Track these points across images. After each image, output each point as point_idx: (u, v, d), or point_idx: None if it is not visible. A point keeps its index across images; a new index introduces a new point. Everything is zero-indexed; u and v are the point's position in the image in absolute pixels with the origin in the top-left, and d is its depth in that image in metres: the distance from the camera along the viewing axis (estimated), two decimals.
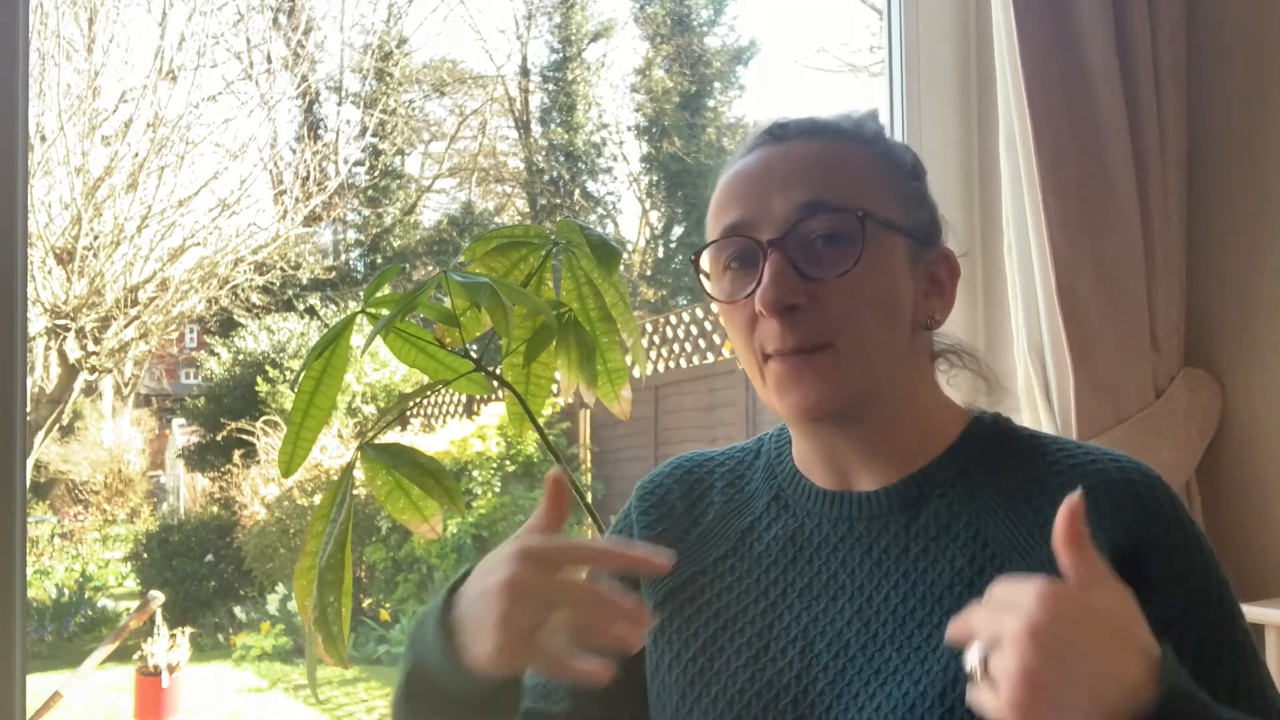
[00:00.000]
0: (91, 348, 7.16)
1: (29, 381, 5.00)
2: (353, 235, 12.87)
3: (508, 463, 6.93)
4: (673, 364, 7.14)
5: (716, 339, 6.76)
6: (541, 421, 1.15)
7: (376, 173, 12.43)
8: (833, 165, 0.87)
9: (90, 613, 7.11)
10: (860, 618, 0.85)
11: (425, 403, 7.80)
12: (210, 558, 7.62)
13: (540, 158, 14.27)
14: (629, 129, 14.47)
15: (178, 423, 10.16)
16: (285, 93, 9.58)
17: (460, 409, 7.95)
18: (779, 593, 0.89)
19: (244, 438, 7.75)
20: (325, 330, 1.05)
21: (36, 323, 6.83)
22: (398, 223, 13.12)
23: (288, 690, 6.19)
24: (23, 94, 1.21)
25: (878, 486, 0.88)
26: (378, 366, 7.77)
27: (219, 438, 8.09)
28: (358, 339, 1.06)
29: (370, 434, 1.05)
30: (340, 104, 12.70)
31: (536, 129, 14.43)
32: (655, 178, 14.35)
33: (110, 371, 8.30)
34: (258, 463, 7.74)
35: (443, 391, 1.39)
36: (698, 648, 0.90)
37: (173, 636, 5.67)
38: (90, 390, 8.78)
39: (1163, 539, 0.79)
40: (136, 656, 5.75)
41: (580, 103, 14.12)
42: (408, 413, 6.84)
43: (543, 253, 1.14)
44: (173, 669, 5.56)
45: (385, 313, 1.05)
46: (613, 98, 14.66)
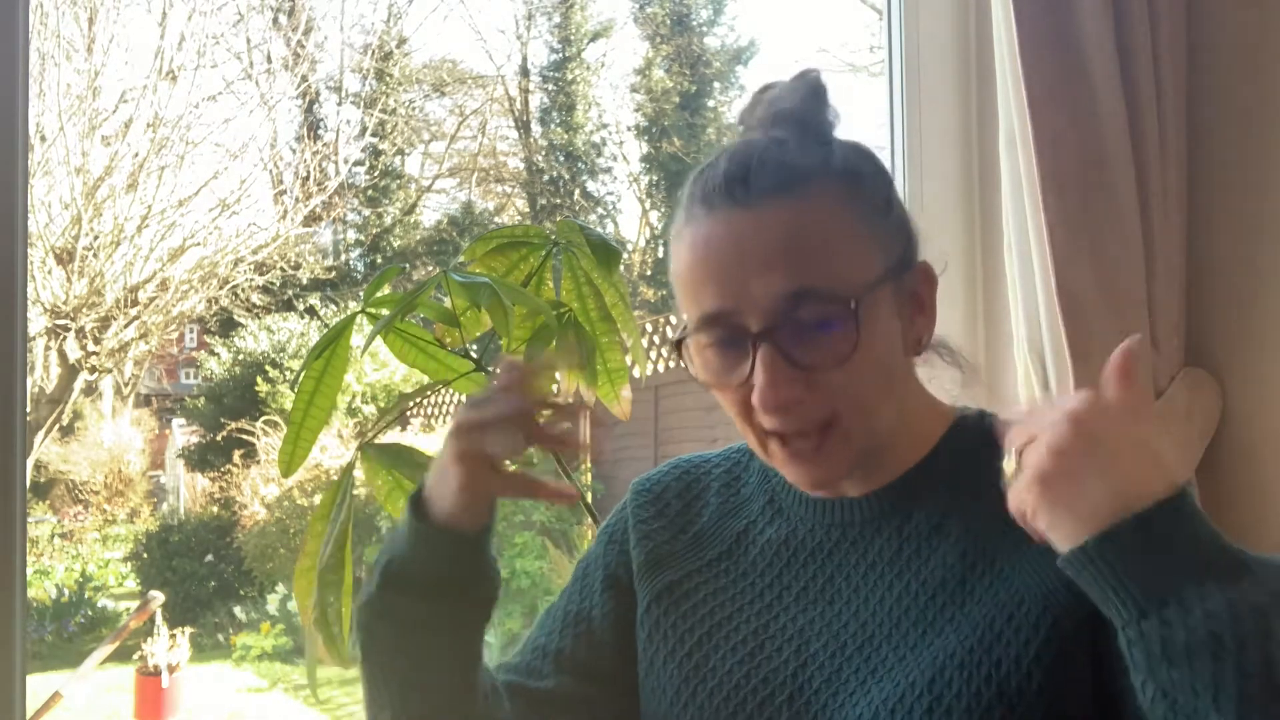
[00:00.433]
0: (91, 348, 7.16)
1: (29, 381, 5.00)
2: (353, 235, 12.87)
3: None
4: (673, 364, 7.13)
5: None
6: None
7: (376, 173, 12.42)
8: (812, 239, 0.80)
9: (90, 613, 7.10)
10: (856, 619, 0.85)
11: (425, 403, 7.79)
12: (210, 558, 7.62)
13: (540, 158, 14.26)
14: (629, 129, 14.46)
15: (178, 423, 10.16)
16: (285, 93, 9.58)
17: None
18: (774, 595, 0.89)
19: (244, 438, 7.74)
20: (325, 330, 1.05)
21: (36, 323, 6.83)
22: (398, 223, 13.11)
23: (288, 690, 6.19)
24: (23, 94, 1.21)
25: (866, 492, 0.88)
26: (378, 366, 7.77)
27: (219, 438, 8.08)
28: (358, 339, 1.06)
29: (370, 434, 1.05)
30: (340, 104, 12.70)
31: (536, 129, 14.43)
32: (655, 178, 14.33)
33: (110, 371, 8.30)
34: (258, 463, 7.73)
35: (443, 391, 1.39)
36: (693, 643, 0.90)
37: (173, 636, 5.67)
38: (90, 390, 8.77)
39: None
40: (136, 656, 5.74)
41: (580, 103, 14.11)
42: (408, 413, 6.83)
43: (543, 253, 1.14)
44: (173, 669, 5.56)
45: (385, 313, 1.05)
46: (613, 98, 14.66)
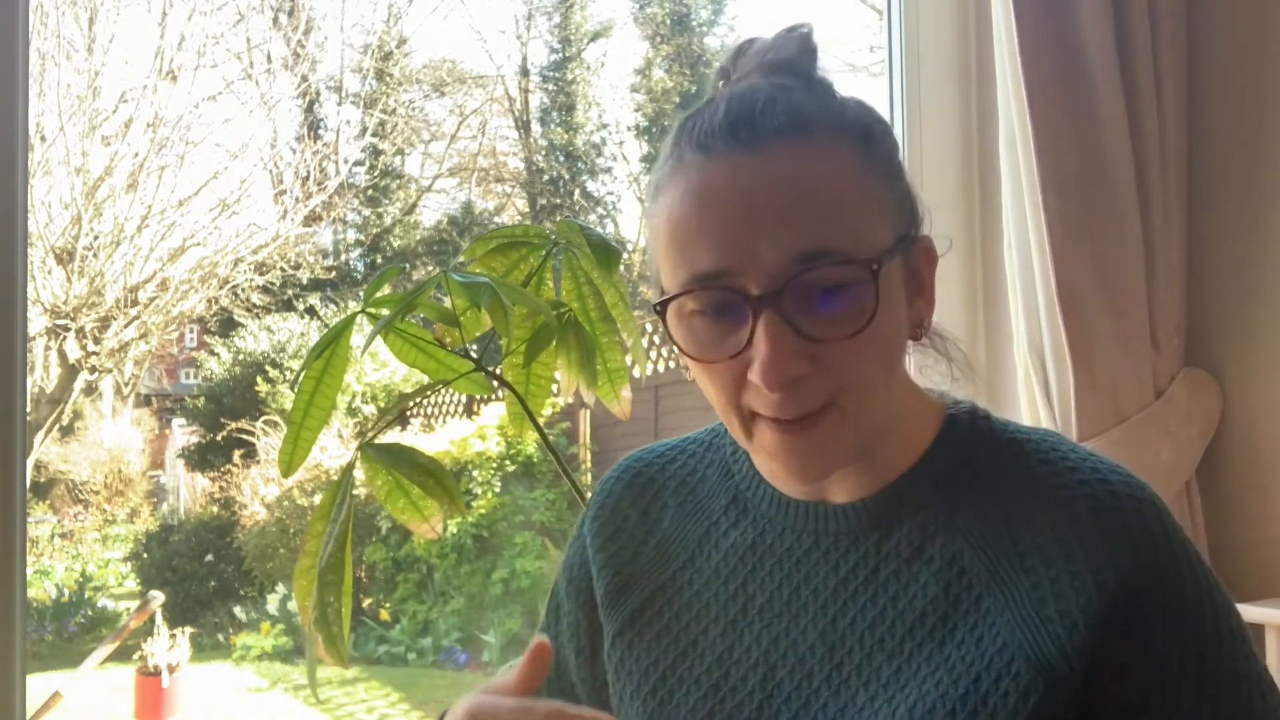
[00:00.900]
0: (91, 348, 7.16)
1: (29, 381, 5.00)
2: (353, 235, 12.86)
3: (508, 463, 6.92)
4: (673, 364, 7.13)
5: None
6: (541, 421, 1.15)
7: (376, 173, 12.41)
8: (828, 193, 0.71)
9: (90, 613, 7.10)
10: (824, 642, 0.78)
11: (425, 403, 7.80)
12: (210, 558, 7.62)
13: (540, 158, 14.26)
14: (629, 129, 14.45)
15: (178, 423, 10.15)
16: (285, 93, 9.58)
17: (460, 409, 7.94)
18: (739, 608, 0.82)
19: (244, 438, 7.74)
20: (325, 330, 1.05)
21: (36, 323, 6.83)
22: (398, 223, 13.11)
23: (288, 690, 6.19)
24: (23, 94, 1.21)
25: (852, 498, 0.80)
26: (378, 366, 7.76)
27: (219, 438, 8.07)
28: (358, 339, 1.06)
29: (370, 434, 1.05)
30: (340, 104, 12.69)
31: (536, 129, 14.42)
32: None
33: (110, 371, 8.29)
34: (258, 463, 7.73)
35: (443, 391, 1.39)
36: (657, 678, 0.84)
37: (173, 636, 5.68)
38: (90, 390, 8.77)
39: (1158, 582, 0.71)
40: (136, 656, 5.75)
41: (580, 103, 14.10)
42: (408, 413, 6.84)
43: (543, 253, 1.14)
44: (173, 669, 5.56)
45: (385, 313, 1.05)
46: (612, 98, 14.64)
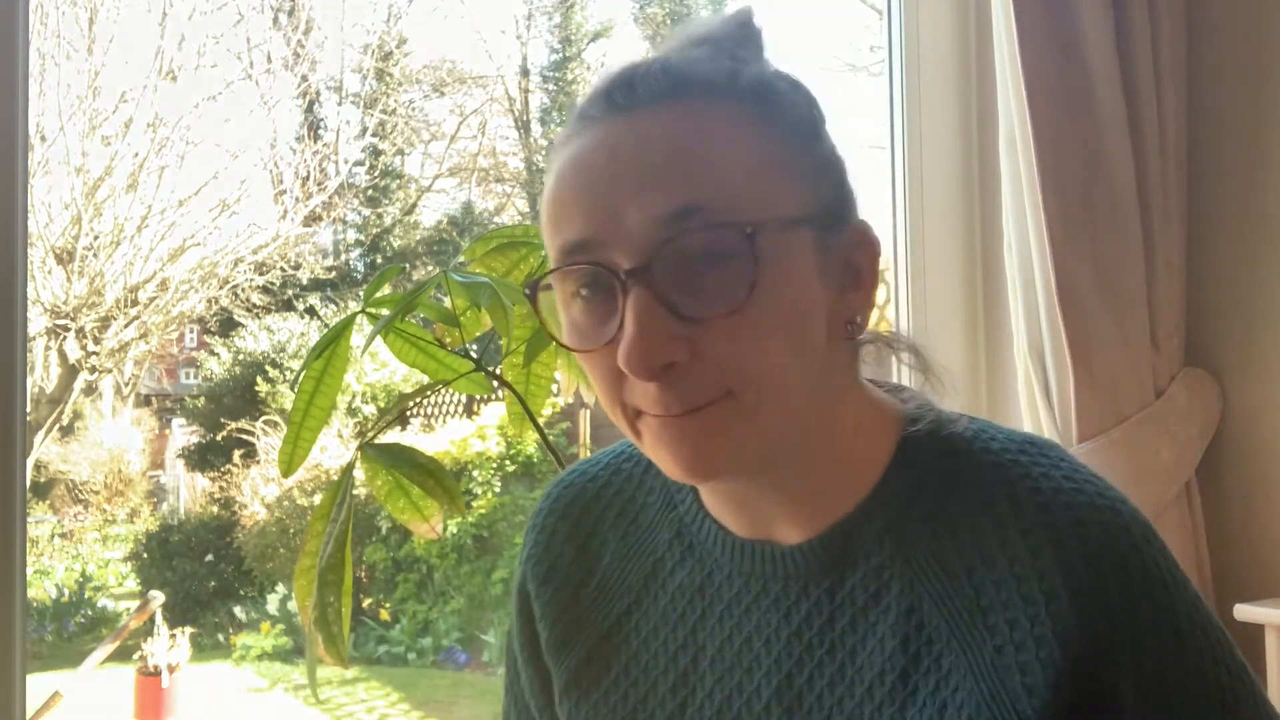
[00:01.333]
0: (91, 348, 7.16)
1: (29, 381, 5.00)
2: (353, 235, 12.86)
3: (508, 463, 6.92)
4: None
5: None
6: (541, 421, 1.16)
7: (376, 173, 12.41)
8: (704, 148, 0.63)
9: (90, 613, 7.10)
10: (780, 702, 0.71)
11: (425, 403, 7.79)
12: (210, 558, 7.62)
13: (540, 158, 14.26)
14: None
15: (178, 423, 10.15)
16: (285, 93, 9.58)
17: (460, 409, 7.94)
18: (689, 660, 0.75)
19: (244, 438, 7.74)
20: (325, 330, 1.05)
21: (36, 323, 6.83)
22: (398, 223, 13.11)
23: (288, 690, 6.19)
24: (23, 94, 1.21)
25: (801, 539, 0.71)
26: (378, 366, 7.76)
27: (219, 438, 8.07)
28: (358, 339, 1.06)
29: (370, 434, 1.05)
30: (340, 104, 12.69)
31: (536, 129, 14.42)
32: None
33: (110, 371, 8.30)
34: (258, 463, 7.73)
35: (443, 391, 1.39)
36: None
37: (173, 636, 5.68)
38: (90, 390, 8.76)
39: (1131, 625, 0.63)
40: (136, 656, 5.75)
41: None
42: (408, 413, 6.84)
43: (542, 253, 1.14)
44: (173, 669, 5.56)
45: (385, 313, 1.05)
46: None
